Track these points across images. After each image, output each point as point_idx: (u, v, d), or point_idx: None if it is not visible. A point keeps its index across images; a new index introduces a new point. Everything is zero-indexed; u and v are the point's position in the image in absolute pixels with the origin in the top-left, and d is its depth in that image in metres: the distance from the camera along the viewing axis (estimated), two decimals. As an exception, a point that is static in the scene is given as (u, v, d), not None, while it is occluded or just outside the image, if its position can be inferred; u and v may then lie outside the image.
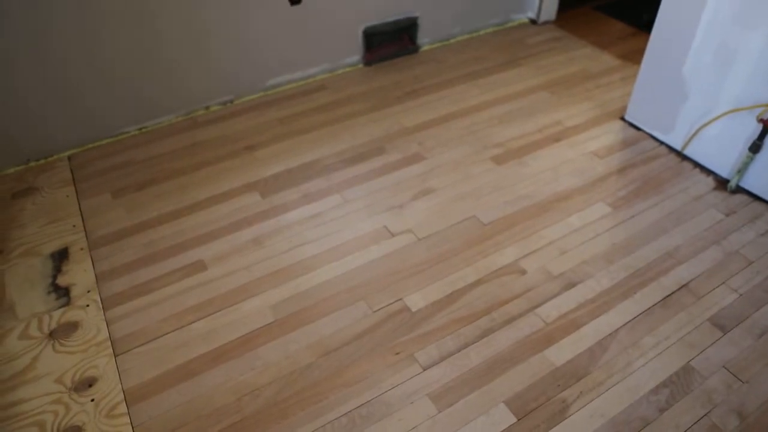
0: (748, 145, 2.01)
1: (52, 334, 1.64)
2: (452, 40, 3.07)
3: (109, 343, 1.61)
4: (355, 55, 2.82)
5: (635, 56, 2.92)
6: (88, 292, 1.75)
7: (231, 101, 2.60)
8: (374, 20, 2.76)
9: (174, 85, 2.41)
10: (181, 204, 2.07)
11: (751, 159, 2.01)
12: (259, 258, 1.86)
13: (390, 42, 2.87)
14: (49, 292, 1.76)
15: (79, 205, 2.08)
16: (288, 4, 2.45)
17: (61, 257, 1.87)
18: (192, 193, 2.12)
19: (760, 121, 1.92)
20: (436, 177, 2.17)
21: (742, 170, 2.05)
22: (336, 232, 1.94)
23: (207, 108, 2.56)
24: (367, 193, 2.10)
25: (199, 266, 1.83)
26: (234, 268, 1.83)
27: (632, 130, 2.41)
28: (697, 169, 2.20)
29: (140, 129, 2.44)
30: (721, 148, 2.13)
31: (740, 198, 2.07)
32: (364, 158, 2.26)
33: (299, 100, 2.60)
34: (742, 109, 1.98)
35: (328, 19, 2.61)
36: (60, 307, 1.71)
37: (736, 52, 1.94)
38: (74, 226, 1.99)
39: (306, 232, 1.95)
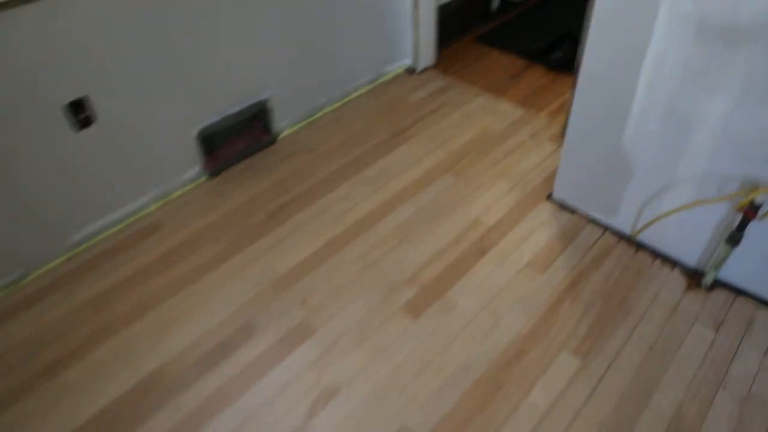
0: (719, 229, 1.57)
1: None
2: (318, 114, 2.43)
3: None
4: (194, 167, 2.09)
5: (536, 99, 2.44)
6: None
7: (21, 278, 1.78)
8: (211, 117, 2.05)
9: None
10: None
11: (729, 252, 1.56)
12: None
13: (237, 137, 2.17)
14: None
15: None
16: (72, 131, 1.68)
17: None
18: (-40, 481, 1.32)
19: (740, 209, 1.46)
20: (337, 362, 1.51)
21: (718, 265, 1.59)
22: None
23: (-16, 296, 1.73)
24: (241, 423, 1.40)
25: None
26: None
27: (566, 214, 1.90)
28: (658, 261, 1.74)
29: None
30: (683, 232, 1.67)
31: (720, 295, 1.63)
32: (228, 351, 1.55)
33: (123, 257, 1.84)
34: (710, 201, 1.52)
35: (146, 131, 1.87)
36: None
37: (691, 118, 1.46)
38: None
39: None
